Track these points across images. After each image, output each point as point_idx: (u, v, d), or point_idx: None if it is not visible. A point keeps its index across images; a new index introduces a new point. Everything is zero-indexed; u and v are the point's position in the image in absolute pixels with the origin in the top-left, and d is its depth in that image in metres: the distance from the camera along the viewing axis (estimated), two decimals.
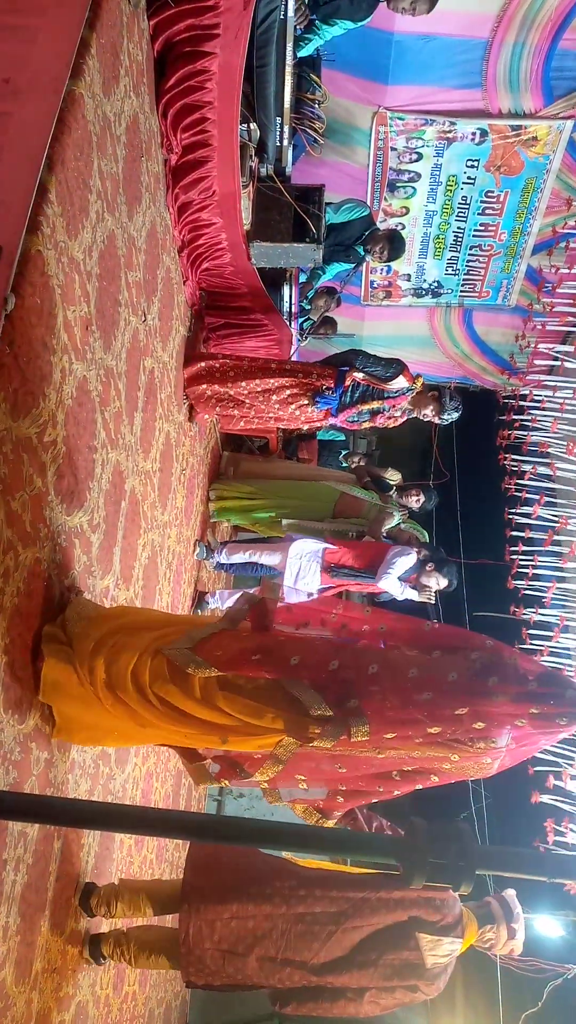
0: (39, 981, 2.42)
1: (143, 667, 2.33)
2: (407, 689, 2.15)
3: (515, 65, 5.63)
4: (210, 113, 3.58)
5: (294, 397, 4.74)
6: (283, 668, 2.23)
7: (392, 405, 4.74)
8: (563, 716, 2.11)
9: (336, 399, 4.73)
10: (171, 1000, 4.83)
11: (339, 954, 2.78)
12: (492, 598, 6.92)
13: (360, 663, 2.23)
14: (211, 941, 2.80)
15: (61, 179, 2.29)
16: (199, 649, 2.30)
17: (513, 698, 2.11)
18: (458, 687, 2.13)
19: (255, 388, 4.68)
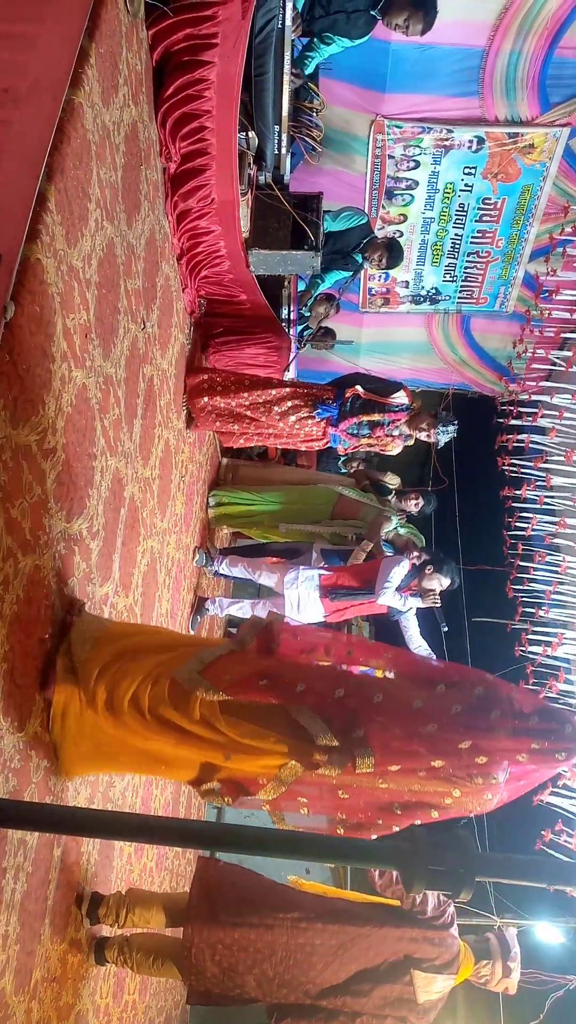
0: (39, 990, 2.41)
1: (143, 693, 2.35)
2: (411, 720, 2.18)
3: (512, 73, 5.67)
4: (208, 122, 3.60)
5: (295, 408, 4.76)
6: (289, 694, 2.25)
7: (392, 419, 4.78)
8: (562, 751, 2.14)
9: (336, 408, 4.77)
10: (171, 1010, 4.81)
11: (335, 982, 2.87)
12: (491, 604, 6.93)
13: (365, 692, 2.24)
14: (212, 961, 2.88)
15: (60, 188, 2.30)
16: (207, 672, 2.32)
17: (513, 732, 2.14)
18: (461, 720, 2.16)
19: (256, 399, 4.70)
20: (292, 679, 2.27)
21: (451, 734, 2.15)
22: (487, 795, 2.21)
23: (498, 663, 6.72)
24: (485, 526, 7.56)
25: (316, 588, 5.15)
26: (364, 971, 2.88)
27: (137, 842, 3.46)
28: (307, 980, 2.86)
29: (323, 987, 2.87)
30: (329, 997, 2.86)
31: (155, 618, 4.03)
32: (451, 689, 2.27)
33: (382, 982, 2.87)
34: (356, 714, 2.21)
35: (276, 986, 2.88)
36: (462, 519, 8.02)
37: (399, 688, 2.28)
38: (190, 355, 4.65)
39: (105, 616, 3.04)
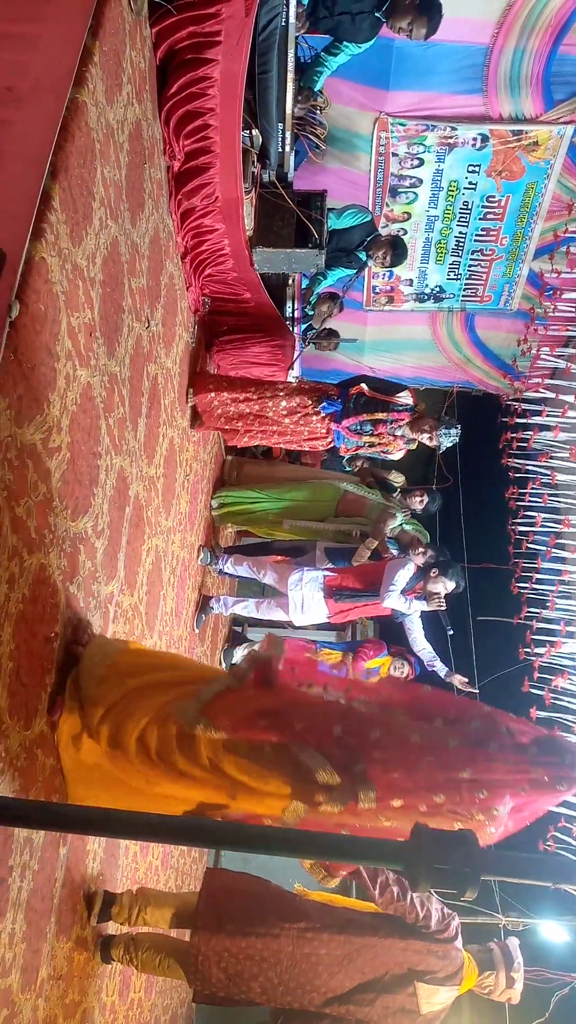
0: (45, 988, 2.42)
1: (151, 735, 2.35)
2: (410, 755, 2.17)
3: (516, 70, 5.65)
4: (212, 120, 3.60)
5: (301, 406, 4.78)
6: (289, 733, 2.25)
7: (395, 419, 4.77)
8: (563, 781, 2.13)
9: (340, 404, 4.77)
10: (176, 1008, 4.82)
11: (339, 991, 2.91)
12: (496, 602, 6.91)
13: (363, 729, 2.24)
14: (218, 967, 2.93)
15: (64, 186, 2.30)
16: (207, 711, 2.32)
17: (513, 764, 2.14)
18: (459, 754, 2.16)
19: (264, 395, 4.73)
20: (291, 718, 2.27)
21: (450, 768, 2.14)
22: (490, 829, 2.20)
23: (502, 661, 6.71)
24: (489, 524, 7.55)
25: (320, 589, 5.15)
26: (368, 981, 2.93)
27: (143, 840, 3.46)
28: (312, 988, 2.91)
29: (327, 996, 2.92)
30: (333, 1005, 2.91)
31: (160, 616, 4.03)
32: (448, 724, 2.26)
33: (385, 992, 2.92)
34: (356, 751, 2.20)
35: (281, 993, 2.93)
36: (466, 517, 8.01)
37: (397, 724, 2.27)
38: (194, 353, 4.65)
39: (111, 633, 3.04)
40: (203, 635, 5.50)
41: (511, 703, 6.27)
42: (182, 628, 4.74)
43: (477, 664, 7.04)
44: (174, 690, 2.48)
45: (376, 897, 3.03)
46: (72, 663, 2.54)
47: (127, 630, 3.34)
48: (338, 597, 5.16)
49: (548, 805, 2.28)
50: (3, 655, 2.01)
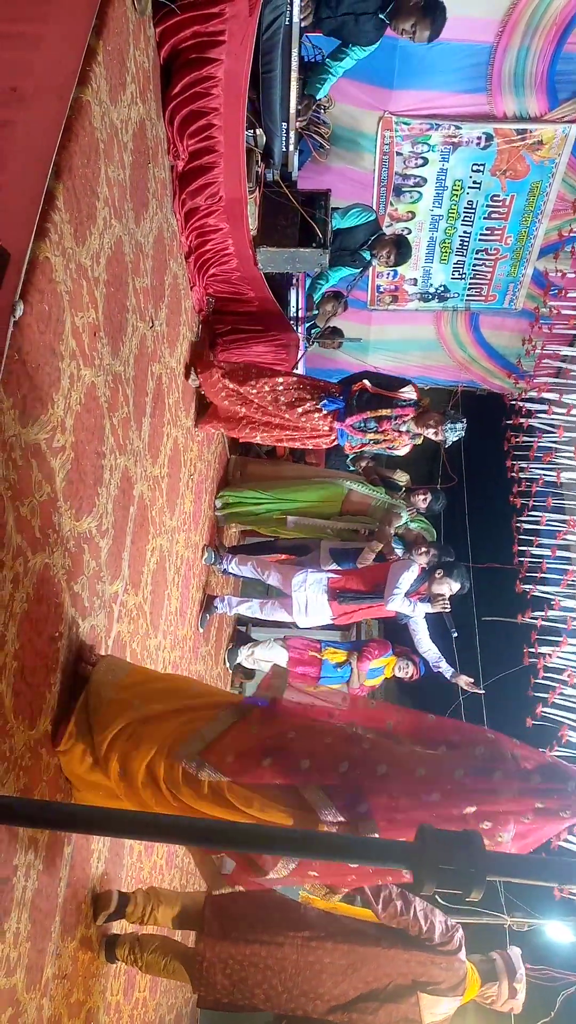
0: (50, 987, 2.42)
1: (158, 764, 2.37)
2: (415, 790, 2.16)
3: (520, 69, 5.64)
4: (216, 119, 3.60)
5: (301, 400, 4.70)
6: (294, 774, 2.24)
7: (399, 415, 4.69)
8: (566, 809, 2.12)
9: (343, 402, 4.70)
10: (181, 1007, 4.82)
11: (342, 1000, 2.94)
12: (501, 602, 6.90)
13: (369, 765, 2.23)
14: (223, 974, 2.96)
15: (68, 186, 2.30)
16: (209, 754, 2.32)
17: (517, 793, 2.13)
18: (464, 785, 2.15)
19: (263, 387, 4.66)
20: (296, 756, 2.26)
21: (455, 802, 2.13)
22: None
23: (506, 662, 6.70)
24: (494, 523, 7.54)
25: (324, 591, 5.14)
26: (372, 991, 2.96)
27: (147, 840, 3.46)
28: (315, 996, 2.94)
29: (331, 1004, 2.94)
30: (336, 1013, 2.94)
31: (164, 616, 4.03)
32: (452, 750, 2.26)
33: (388, 1002, 2.94)
34: (360, 788, 2.20)
35: (285, 1000, 2.96)
36: (471, 516, 7.99)
37: (403, 756, 2.26)
38: (196, 352, 4.63)
39: (115, 632, 3.05)
40: (207, 634, 5.50)
41: (516, 703, 6.27)
42: (186, 627, 4.74)
43: (482, 666, 7.03)
44: (181, 717, 2.48)
45: (379, 912, 3.05)
46: (80, 683, 2.56)
47: (131, 629, 3.34)
48: (342, 599, 5.16)
49: (552, 833, 2.27)
50: (8, 655, 2.01)
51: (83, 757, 2.42)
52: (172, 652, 4.29)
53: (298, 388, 4.73)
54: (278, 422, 4.79)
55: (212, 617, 5.45)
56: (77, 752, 2.42)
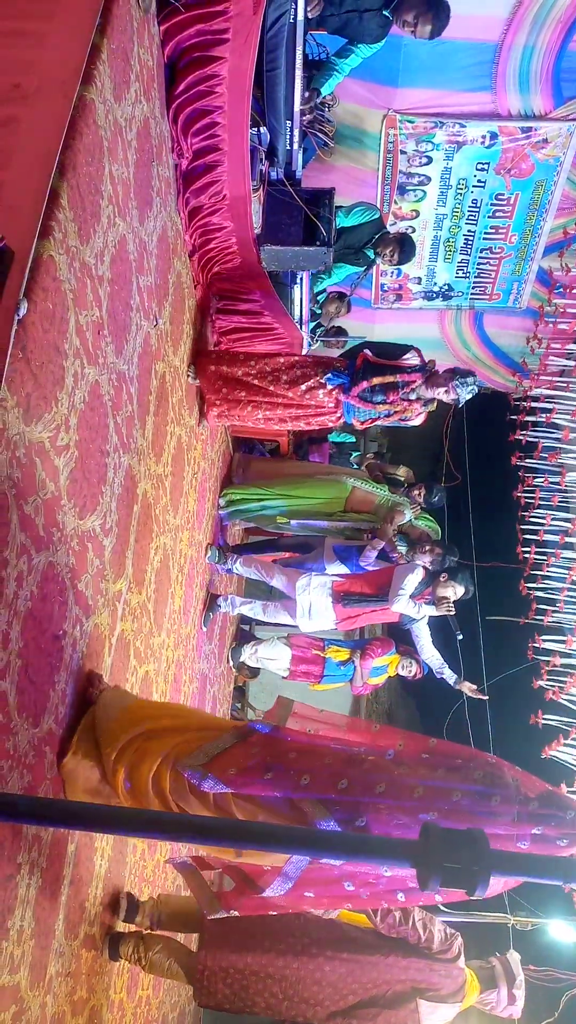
0: (53, 985, 2.42)
1: (163, 775, 2.41)
2: (412, 809, 2.18)
3: (525, 67, 5.63)
4: (220, 117, 3.59)
5: (304, 376, 4.53)
6: (294, 788, 2.27)
7: (406, 381, 4.45)
8: (564, 838, 2.12)
9: (348, 375, 4.51)
10: (184, 1005, 4.82)
11: (342, 1007, 2.98)
12: (505, 601, 6.90)
13: (368, 782, 2.26)
14: (224, 983, 3.02)
15: (72, 184, 2.30)
16: (212, 766, 2.36)
17: (515, 818, 2.13)
18: (461, 807, 2.16)
19: (264, 368, 4.54)
20: (297, 772, 2.29)
21: (452, 822, 2.13)
22: None
23: (511, 661, 6.69)
24: (498, 522, 7.53)
25: (328, 595, 5.14)
26: (371, 997, 3.00)
27: (151, 838, 3.46)
28: (316, 1003, 2.98)
29: (331, 1010, 2.98)
30: (336, 1019, 2.98)
31: (168, 614, 4.03)
32: (452, 772, 2.26)
33: (388, 1008, 2.98)
34: (359, 804, 2.22)
35: (286, 1008, 3.00)
36: (475, 515, 7.99)
37: (401, 777, 2.27)
38: (197, 347, 4.59)
39: (119, 631, 3.05)
40: (211, 633, 5.50)
41: (520, 702, 6.26)
42: (190, 626, 4.74)
43: (486, 665, 7.02)
44: (185, 735, 2.53)
45: (378, 923, 3.08)
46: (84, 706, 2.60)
47: (135, 628, 3.34)
48: (346, 602, 5.15)
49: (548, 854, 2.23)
50: (12, 653, 2.01)
51: (88, 774, 2.46)
52: (176, 650, 4.29)
53: (300, 366, 4.57)
54: (281, 400, 4.62)
55: (215, 616, 5.46)
56: (82, 769, 2.45)
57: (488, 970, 3.22)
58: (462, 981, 3.07)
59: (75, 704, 2.55)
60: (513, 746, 6.69)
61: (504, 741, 6.91)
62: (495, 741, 6.77)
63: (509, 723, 6.68)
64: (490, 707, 6.33)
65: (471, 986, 3.12)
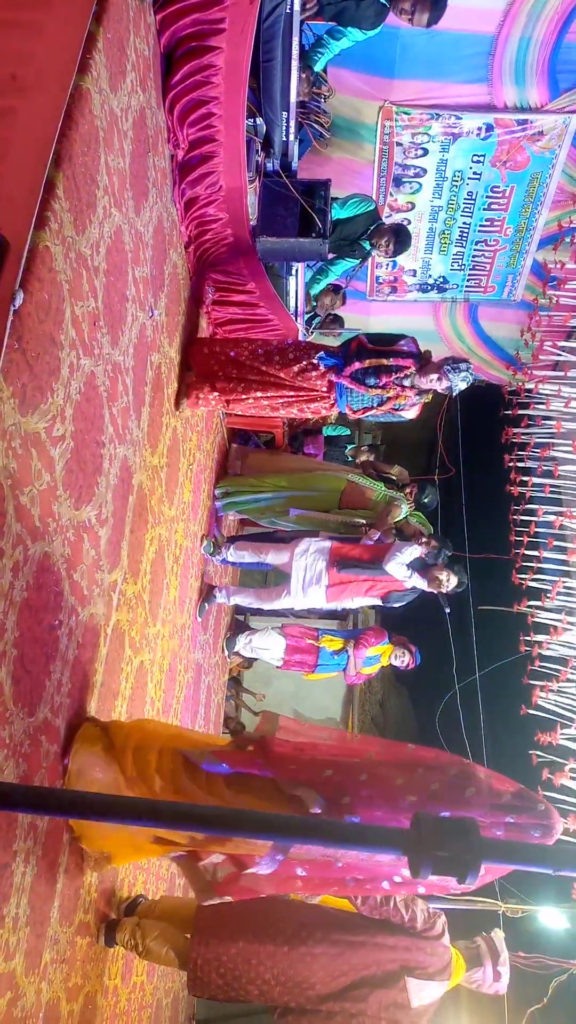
0: (48, 971, 2.45)
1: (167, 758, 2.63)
2: (394, 794, 2.37)
3: (521, 59, 5.61)
4: (216, 108, 3.59)
5: (296, 359, 4.42)
6: (283, 771, 2.50)
7: (400, 366, 4.34)
8: (536, 828, 2.27)
9: (341, 358, 4.41)
10: (179, 990, 4.86)
11: (333, 989, 3.04)
12: (496, 592, 6.93)
13: (351, 772, 2.46)
14: (217, 973, 3.08)
15: (68, 174, 2.30)
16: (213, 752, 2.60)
17: (490, 808, 2.29)
18: (439, 795, 2.34)
19: (256, 348, 4.46)
20: (285, 761, 2.52)
21: (430, 806, 2.31)
22: None
23: (502, 653, 6.73)
24: (491, 515, 7.56)
25: (324, 559, 5.14)
26: (361, 978, 3.06)
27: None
28: (308, 986, 3.03)
29: (323, 992, 3.04)
30: (328, 1002, 3.04)
31: (163, 605, 4.05)
32: (429, 771, 2.45)
33: (378, 988, 3.04)
34: (343, 787, 2.41)
35: (278, 993, 3.05)
36: (468, 507, 8.02)
37: (382, 769, 2.47)
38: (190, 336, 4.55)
39: (114, 621, 3.06)
40: (206, 624, 5.52)
41: (511, 693, 6.31)
42: (185, 616, 4.76)
43: (477, 656, 7.06)
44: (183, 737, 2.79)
45: (359, 906, 3.14)
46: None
47: (130, 618, 3.36)
48: (341, 566, 5.16)
49: None
50: (7, 643, 2.02)
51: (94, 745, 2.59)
52: (171, 641, 4.31)
53: (293, 349, 4.49)
54: (274, 380, 4.49)
55: (210, 607, 5.47)
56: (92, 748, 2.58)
57: (473, 949, 3.29)
58: (448, 959, 3.14)
59: (71, 693, 2.56)
60: (504, 733, 6.75)
61: (495, 729, 6.96)
62: (486, 728, 6.82)
63: (501, 711, 6.73)
64: (482, 695, 6.37)
65: (457, 965, 3.18)
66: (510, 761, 6.00)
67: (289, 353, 4.45)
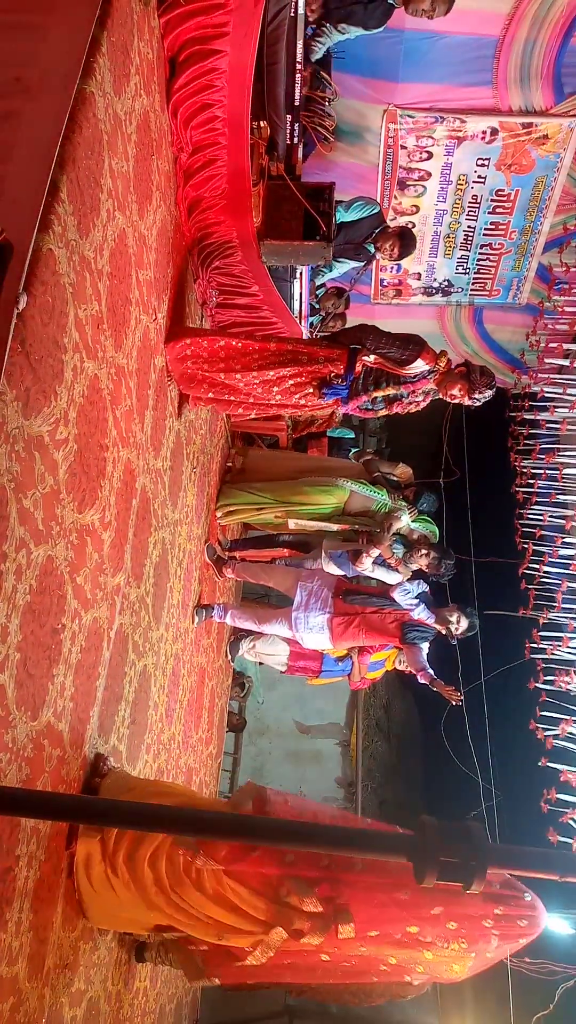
0: (51, 976, 2.43)
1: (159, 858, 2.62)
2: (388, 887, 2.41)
3: (526, 62, 5.61)
4: (220, 111, 3.59)
5: (298, 387, 4.06)
6: (279, 864, 2.48)
7: (411, 390, 4.10)
8: (523, 918, 2.38)
9: (346, 387, 4.04)
10: (182, 996, 4.84)
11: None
12: (503, 597, 6.91)
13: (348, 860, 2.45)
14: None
15: (72, 177, 2.30)
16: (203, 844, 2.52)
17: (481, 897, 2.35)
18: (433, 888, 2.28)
19: (252, 379, 4.00)
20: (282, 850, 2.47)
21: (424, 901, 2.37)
22: (455, 966, 2.48)
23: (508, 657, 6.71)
24: (496, 517, 7.54)
25: (326, 620, 5.17)
26: None
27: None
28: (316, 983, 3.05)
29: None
30: None
31: (166, 608, 4.04)
32: None
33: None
34: (339, 881, 2.43)
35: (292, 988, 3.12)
36: (473, 509, 8.00)
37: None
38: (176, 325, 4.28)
39: (117, 625, 3.05)
40: (209, 627, 5.50)
41: (517, 699, 6.28)
42: (188, 620, 4.75)
43: (484, 661, 7.03)
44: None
45: None
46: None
47: (133, 622, 3.35)
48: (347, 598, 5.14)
49: (510, 946, 2.50)
50: (10, 646, 2.02)
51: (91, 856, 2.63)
52: (174, 644, 4.30)
53: (293, 377, 4.04)
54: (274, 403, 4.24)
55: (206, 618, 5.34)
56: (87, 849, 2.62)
57: None
58: None
59: (74, 698, 2.55)
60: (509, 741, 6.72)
61: (500, 736, 6.94)
62: (492, 736, 6.80)
63: (506, 718, 6.70)
64: (487, 701, 6.35)
65: None
66: (516, 766, 5.97)
67: (288, 381, 4.04)
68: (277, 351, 4.01)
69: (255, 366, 3.99)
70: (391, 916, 2.40)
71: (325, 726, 9.85)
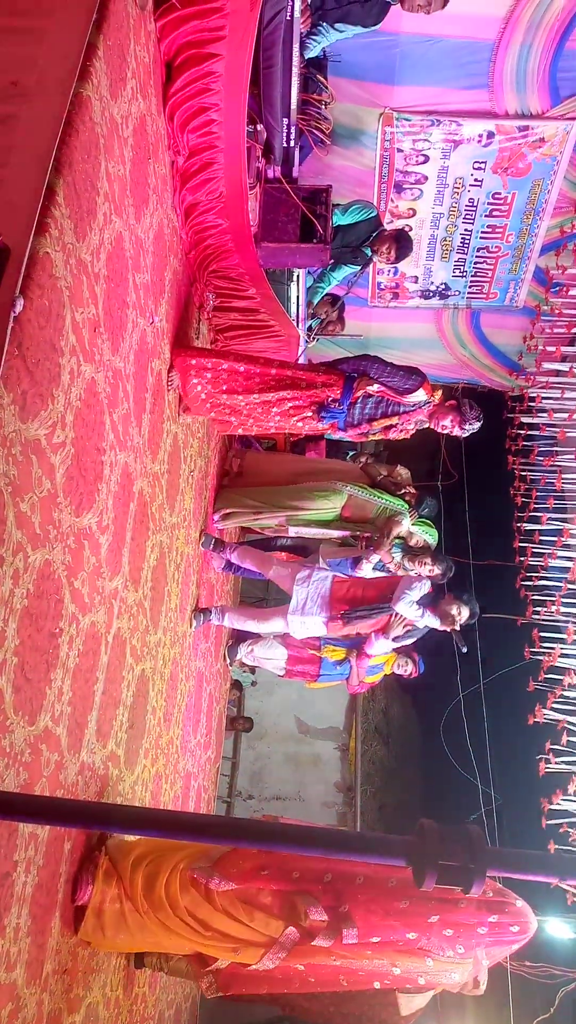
0: (50, 982, 2.42)
1: (173, 883, 2.78)
2: (388, 897, 2.57)
3: (522, 66, 5.63)
4: (217, 115, 3.59)
5: (296, 410, 4.27)
6: (286, 881, 2.68)
7: (406, 420, 4.36)
8: (515, 924, 2.52)
9: (343, 412, 4.27)
10: (181, 1002, 4.83)
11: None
12: (501, 600, 6.91)
13: (348, 875, 2.65)
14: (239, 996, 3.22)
15: (69, 181, 2.29)
16: (217, 866, 2.74)
17: (476, 905, 2.51)
18: (429, 895, 2.51)
19: (253, 401, 4.22)
20: (288, 868, 2.68)
21: (421, 910, 2.53)
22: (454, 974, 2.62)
23: (508, 660, 6.71)
24: (494, 520, 7.55)
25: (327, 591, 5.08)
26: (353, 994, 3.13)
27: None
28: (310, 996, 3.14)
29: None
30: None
31: (164, 613, 4.03)
32: None
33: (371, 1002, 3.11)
34: (341, 893, 2.61)
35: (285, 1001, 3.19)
36: (471, 513, 8.00)
37: (377, 870, 2.63)
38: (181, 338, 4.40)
39: (115, 628, 3.05)
40: (207, 631, 5.49)
41: (516, 701, 6.28)
42: (186, 624, 4.74)
43: (482, 664, 7.03)
44: (191, 848, 2.90)
45: None
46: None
47: (131, 625, 3.34)
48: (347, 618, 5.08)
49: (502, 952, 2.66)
50: (8, 650, 2.01)
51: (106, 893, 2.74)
52: (172, 648, 4.29)
53: (292, 400, 4.24)
54: (273, 425, 4.46)
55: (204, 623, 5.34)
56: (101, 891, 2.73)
57: None
58: None
59: (72, 702, 2.55)
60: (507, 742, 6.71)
61: (499, 738, 6.93)
62: (491, 737, 6.79)
63: (504, 720, 6.70)
64: (486, 704, 6.34)
65: None
66: (516, 768, 5.97)
67: (287, 403, 4.24)
68: (278, 376, 4.21)
69: (256, 388, 4.19)
70: (391, 924, 2.52)
71: (324, 730, 9.84)
